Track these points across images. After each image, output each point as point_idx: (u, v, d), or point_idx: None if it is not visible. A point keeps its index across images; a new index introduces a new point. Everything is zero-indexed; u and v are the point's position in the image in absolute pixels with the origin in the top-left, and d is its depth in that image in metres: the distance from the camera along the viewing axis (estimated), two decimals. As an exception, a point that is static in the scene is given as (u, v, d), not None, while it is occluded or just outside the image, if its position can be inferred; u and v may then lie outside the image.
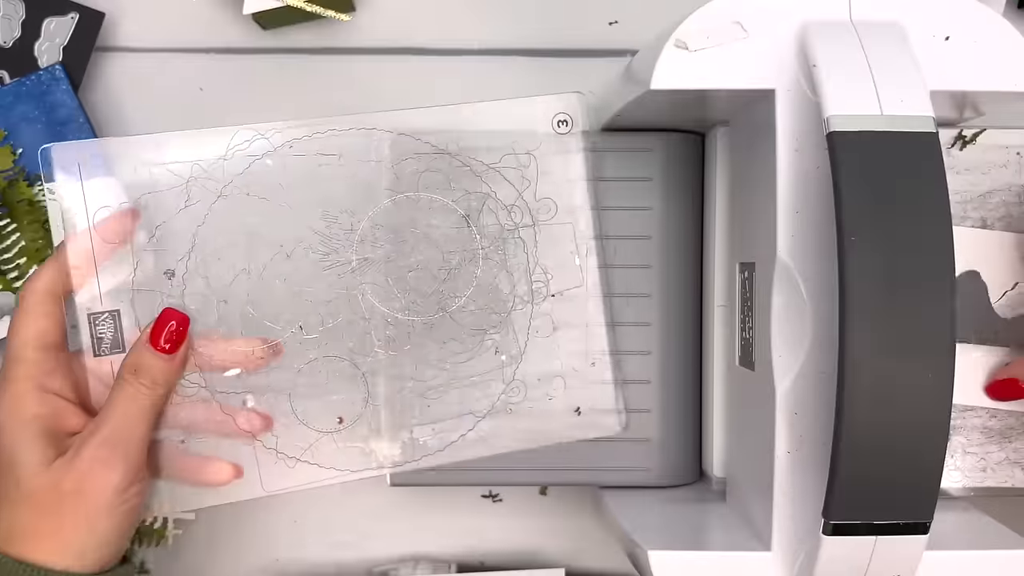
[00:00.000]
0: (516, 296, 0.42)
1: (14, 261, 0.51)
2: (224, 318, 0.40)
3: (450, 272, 0.42)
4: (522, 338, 0.42)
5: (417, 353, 0.42)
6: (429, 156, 0.42)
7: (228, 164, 0.41)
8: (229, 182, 0.40)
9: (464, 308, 0.42)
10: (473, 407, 0.42)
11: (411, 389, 0.42)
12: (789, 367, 0.37)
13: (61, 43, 0.52)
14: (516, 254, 0.42)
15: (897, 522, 0.33)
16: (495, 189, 0.42)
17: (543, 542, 0.54)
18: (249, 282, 0.40)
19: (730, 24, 0.37)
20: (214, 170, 0.40)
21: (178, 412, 0.39)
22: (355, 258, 0.41)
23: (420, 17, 0.53)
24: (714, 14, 0.37)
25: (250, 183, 0.41)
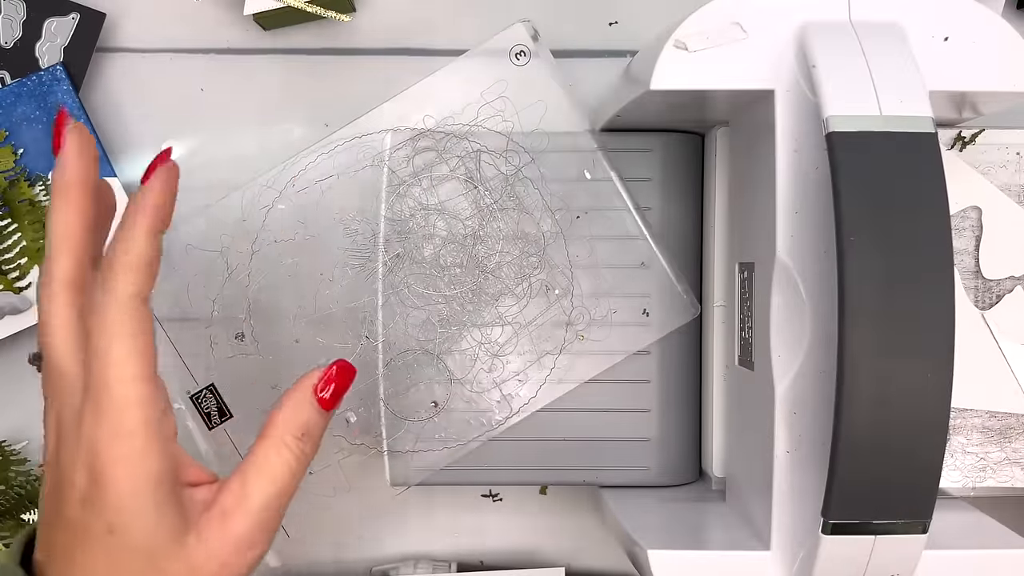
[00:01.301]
0: (544, 232, 0.43)
1: (15, 261, 0.51)
2: (303, 354, 0.44)
3: (475, 235, 0.44)
4: (566, 268, 0.44)
5: (476, 318, 0.44)
6: (414, 139, 0.43)
7: (248, 224, 0.44)
8: (255, 239, 0.43)
9: (501, 262, 0.44)
10: (546, 347, 0.44)
11: (485, 351, 0.44)
12: (788, 367, 0.37)
13: (62, 44, 0.52)
14: (528, 194, 0.44)
15: (896, 522, 0.33)
16: (484, 143, 0.43)
17: (543, 541, 0.54)
18: (308, 316, 0.44)
19: (729, 25, 0.37)
20: (238, 232, 0.44)
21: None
22: (387, 258, 0.43)
23: (420, 18, 0.53)
24: (713, 15, 0.37)
25: (273, 231, 0.44)
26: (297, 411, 0.31)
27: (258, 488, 0.30)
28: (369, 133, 0.44)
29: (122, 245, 0.29)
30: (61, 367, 0.29)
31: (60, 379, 0.29)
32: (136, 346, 0.28)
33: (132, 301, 0.28)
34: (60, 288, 0.29)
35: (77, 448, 0.28)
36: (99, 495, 0.27)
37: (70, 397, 0.29)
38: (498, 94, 0.44)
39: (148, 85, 0.53)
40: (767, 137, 0.37)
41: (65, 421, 0.28)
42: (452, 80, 0.44)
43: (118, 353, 0.27)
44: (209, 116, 0.53)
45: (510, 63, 0.44)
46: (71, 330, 0.29)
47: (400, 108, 0.44)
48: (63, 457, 0.28)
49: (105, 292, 0.28)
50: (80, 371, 0.29)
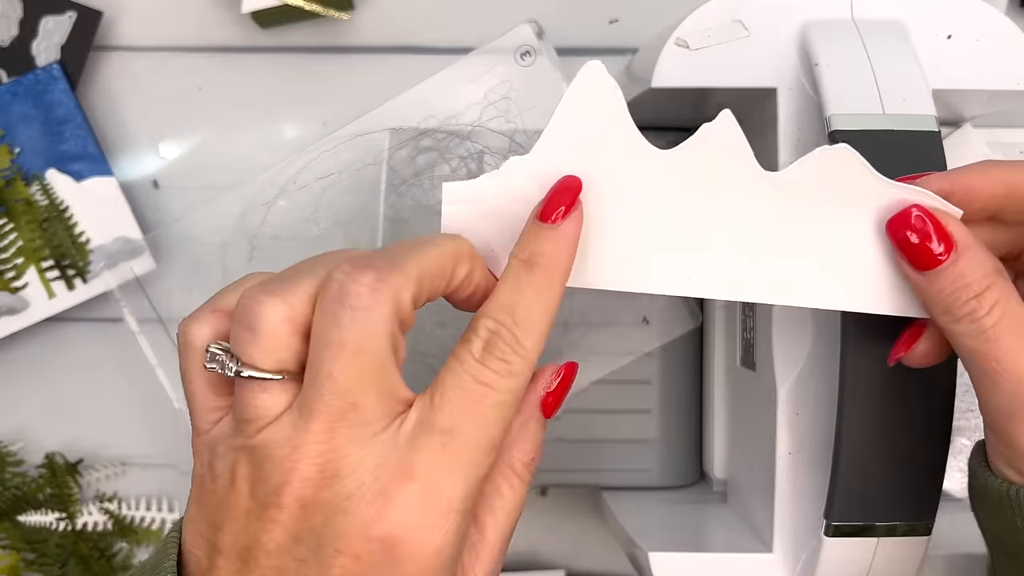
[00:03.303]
0: None
1: (11, 261, 0.50)
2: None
3: None
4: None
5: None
6: (416, 139, 0.43)
7: (247, 220, 0.44)
8: (255, 235, 0.43)
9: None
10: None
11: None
12: (791, 368, 0.37)
13: (59, 42, 0.51)
14: None
15: (899, 523, 0.32)
16: (487, 144, 0.43)
17: (543, 543, 0.54)
18: None
19: (731, 22, 0.36)
20: (237, 230, 0.44)
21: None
22: None
23: (419, 16, 0.53)
24: (715, 12, 0.36)
25: (274, 228, 0.44)
26: (525, 432, 0.28)
27: (496, 530, 0.28)
28: (370, 132, 0.44)
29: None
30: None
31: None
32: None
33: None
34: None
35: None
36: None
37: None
38: (502, 95, 0.44)
39: (145, 83, 0.53)
40: (769, 135, 0.37)
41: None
42: (455, 80, 0.44)
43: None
44: (207, 115, 0.53)
45: (515, 63, 0.44)
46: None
47: (402, 107, 0.44)
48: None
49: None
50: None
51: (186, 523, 0.26)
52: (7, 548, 0.52)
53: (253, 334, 0.24)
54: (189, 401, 0.27)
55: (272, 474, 0.24)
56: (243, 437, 0.25)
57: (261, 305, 0.24)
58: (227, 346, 0.25)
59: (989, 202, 0.28)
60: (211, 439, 0.26)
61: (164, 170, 0.53)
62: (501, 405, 0.25)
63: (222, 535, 0.25)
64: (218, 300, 0.27)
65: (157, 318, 0.47)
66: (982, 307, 0.26)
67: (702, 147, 0.28)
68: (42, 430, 0.53)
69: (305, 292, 0.25)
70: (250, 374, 0.24)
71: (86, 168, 0.51)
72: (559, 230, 0.27)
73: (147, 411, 0.53)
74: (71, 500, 0.52)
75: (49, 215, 0.50)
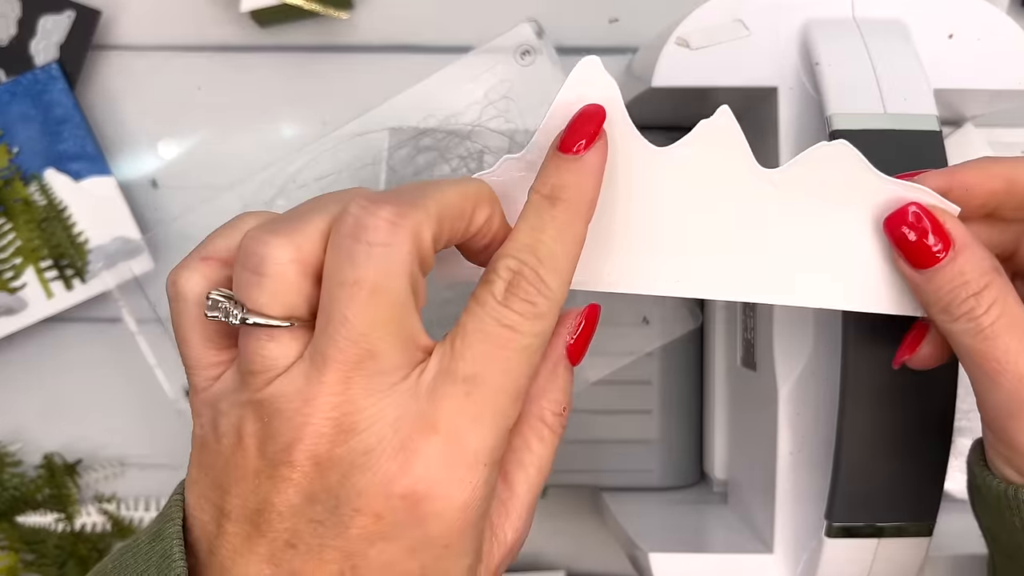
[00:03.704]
0: None
1: (10, 261, 0.50)
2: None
3: None
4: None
5: None
6: (415, 138, 0.43)
7: None
8: None
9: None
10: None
11: None
12: (791, 368, 0.36)
13: (57, 41, 0.51)
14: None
15: (901, 524, 0.32)
16: (487, 144, 0.42)
17: (543, 544, 0.54)
18: None
19: (732, 22, 0.36)
20: None
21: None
22: None
23: (418, 15, 0.53)
24: (715, 12, 0.36)
25: None
26: (553, 380, 0.26)
27: (526, 485, 0.26)
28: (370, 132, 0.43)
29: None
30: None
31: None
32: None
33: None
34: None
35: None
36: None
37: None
38: (502, 94, 0.43)
39: (144, 83, 0.53)
40: (770, 135, 0.37)
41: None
42: (455, 79, 0.44)
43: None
44: (206, 114, 0.53)
45: (515, 63, 0.44)
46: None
47: (402, 107, 0.44)
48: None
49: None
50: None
51: (188, 485, 0.24)
52: (6, 549, 0.51)
53: (259, 277, 0.22)
54: (185, 357, 0.25)
55: (282, 430, 0.22)
56: (249, 391, 0.23)
57: (267, 246, 0.22)
58: (229, 293, 0.23)
59: (988, 199, 0.28)
60: (212, 396, 0.24)
61: (163, 170, 0.53)
62: (527, 349, 0.24)
63: (230, 498, 0.23)
64: (208, 246, 0.25)
65: (156, 318, 0.47)
66: (980, 305, 0.26)
67: (699, 144, 0.27)
68: (40, 430, 0.53)
69: (316, 230, 0.23)
70: (256, 321, 0.22)
71: (85, 168, 0.51)
72: (582, 161, 0.25)
73: (146, 411, 0.53)
74: (70, 501, 0.52)
75: (48, 215, 0.50)
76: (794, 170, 0.27)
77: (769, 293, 0.28)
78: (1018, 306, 0.26)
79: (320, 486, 0.22)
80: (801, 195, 0.27)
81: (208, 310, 0.23)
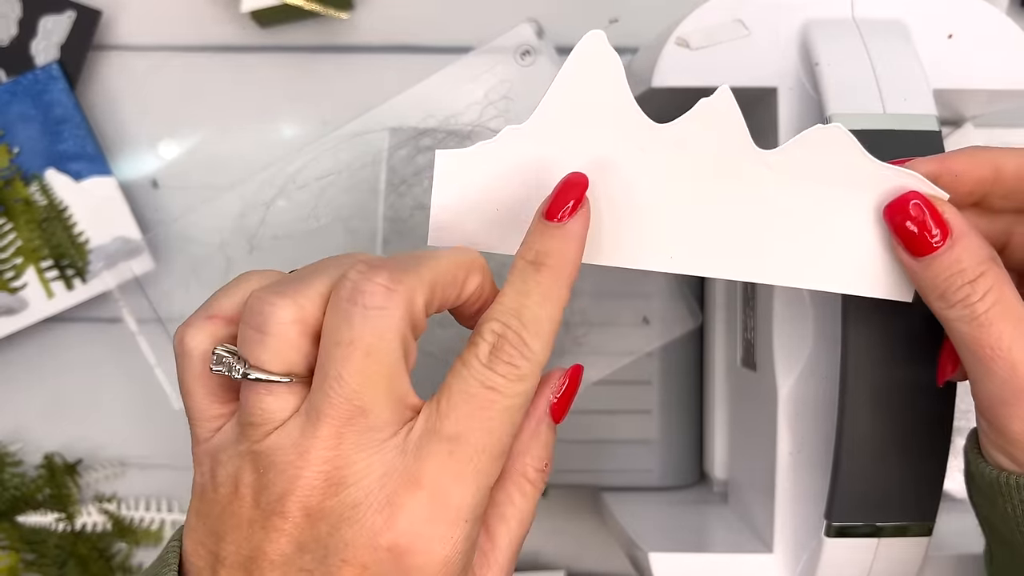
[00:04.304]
0: None
1: (10, 261, 0.50)
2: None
3: None
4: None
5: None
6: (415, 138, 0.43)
7: (246, 220, 0.44)
8: (254, 234, 0.42)
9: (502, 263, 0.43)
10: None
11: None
12: (791, 368, 0.36)
13: (58, 41, 0.51)
14: None
15: (900, 524, 0.32)
16: None
17: (543, 544, 0.54)
18: None
19: (731, 22, 0.36)
20: (237, 229, 0.43)
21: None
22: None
23: (418, 15, 0.53)
24: (715, 12, 0.36)
25: (273, 227, 0.44)
26: (536, 438, 0.27)
27: (507, 538, 0.27)
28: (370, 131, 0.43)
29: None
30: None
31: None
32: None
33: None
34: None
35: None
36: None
37: None
38: (502, 94, 0.43)
39: (145, 83, 0.53)
40: (770, 135, 0.37)
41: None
42: (455, 79, 0.44)
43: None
44: (206, 114, 0.53)
45: (515, 63, 0.44)
46: None
47: (402, 107, 0.44)
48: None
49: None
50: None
51: (186, 532, 0.26)
52: (6, 549, 0.51)
53: (262, 335, 0.24)
54: (189, 410, 0.26)
55: (277, 481, 0.23)
56: (248, 442, 0.24)
57: (271, 307, 0.24)
58: (234, 348, 0.25)
59: (975, 186, 0.28)
60: (212, 447, 0.25)
61: (163, 170, 0.53)
62: (509, 410, 0.25)
63: (224, 545, 0.24)
64: (213, 306, 0.26)
65: (156, 318, 0.47)
66: (976, 293, 0.26)
67: (698, 122, 0.28)
68: (41, 430, 0.53)
69: (316, 293, 0.24)
70: (258, 376, 0.24)
71: (85, 168, 0.51)
72: (565, 229, 0.26)
73: (146, 411, 0.53)
74: (70, 501, 0.52)
75: (48, 215, 0.50)
76: (789, 152, 0.28)
77: (762, 272, 0.28)
78: (1013, 295, 0.26)
79: (310, 536, 0.24)
80: (795, 177, 0.28)
81: (213, 364, 0.25)
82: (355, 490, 0.23)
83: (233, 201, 0.45)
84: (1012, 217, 0.29)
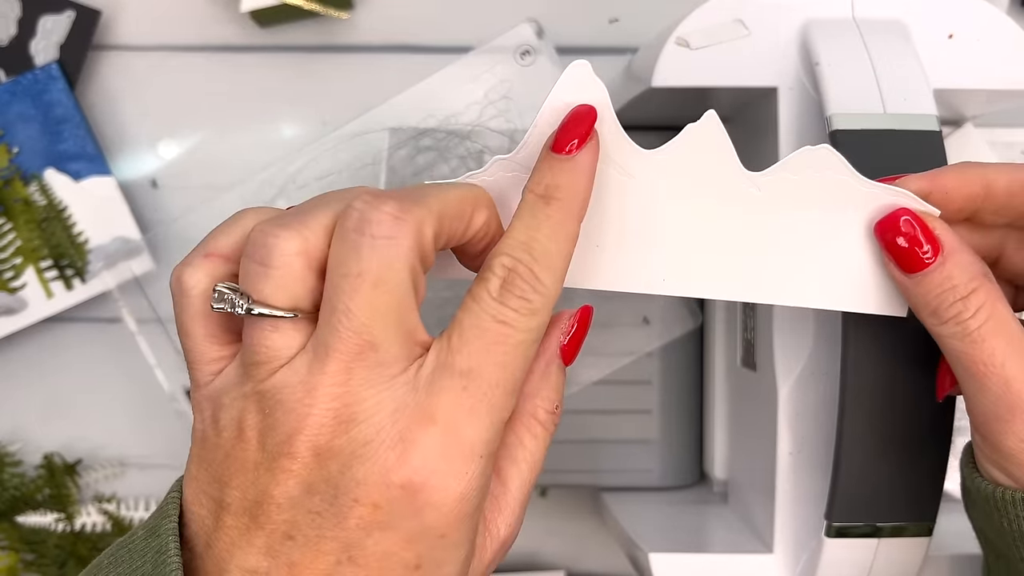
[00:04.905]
0: None
1: (10, 261, 0.50)
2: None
3: None
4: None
5: None
6: (415, 138, 0.43)
7: None
8: None
9: None
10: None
11: None
12: (791, 368, 0.36)
13: (57, 41, 0.51)
14: None
15: (900, 524, 0.32)
16: (487, 144, 0.42)
17: (543, 544, 0.54)
18: None
19: (731, 22, 0.36)
20: None
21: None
22: None
23: (418, 15, 0.53)
24: (715, 12, 0.36)
25: None
26: (546, 379, 0.27)
27: (519, 481, 0.26)
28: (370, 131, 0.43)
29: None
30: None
31: None
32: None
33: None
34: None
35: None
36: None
37: None
38: (502, 94, 0.43)
39: (144, 83, 0.53)
40: (770, 135, 0.37)
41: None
42: (455, 79, 0.44)
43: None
44: (206, 114, 0.53)
45: (515, 63, 0.43)
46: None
47: (402, 107, 0.44)
48: None
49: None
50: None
51: (186, 481, 0.24)
52: (6, 549, 0.51)
53: (266, 268, 0.23)
54: (187, 352, 0.25)
55: (284, 421, 0.23)
56: (253, 382, 0.23)
57: (275, 239, 0.23)
58: (235, 285, 0.24)
59: (966, 202, 0.28)
60: (214, 390, 0.24)
61: (163, 170, 0.53)
62: (521, 344, 0.24)
63: (228, 491, 0.23)
64: (210, 243, 0.25)
65: (156, 318, 0.47)
66: (968, 309, 0.26)
67: (686, 148, 0.28)
68: (40, 430, 0.53)
69: (321, 225, 0.23)
70: (261, 311, 0.23)
71: (85, 168, 0.51)
72: (575, 160, 0.25)
73: (146, 411, 0.53)
74: (70, 501, 0.52)
75: (48, 215, 0.50)
76: (778, 174, 0.28)
77: (756, 292, 0.28)
78: (1006, 311, 0.26)
79: (319, 477, 0.23)
80: (785, 198, 0.28)
81: (214, 302, 0.24)
82: (366, 427, 0.23)
83: (233, 201, 0.45)
84: (1003, 231, 0.29)
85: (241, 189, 0.45)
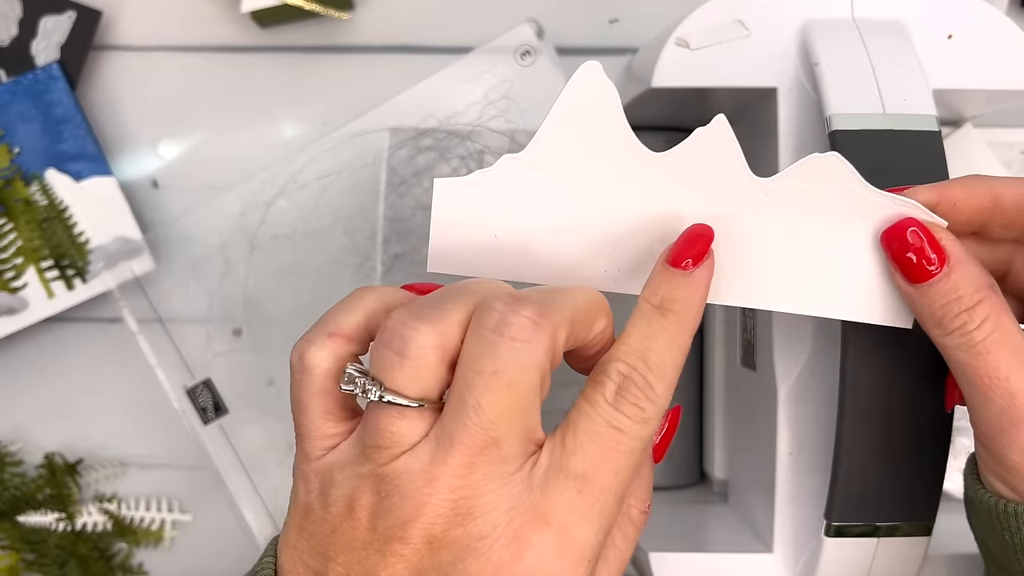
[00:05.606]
0: None
1: (11, 261, 0.50)
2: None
3: None
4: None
5: None
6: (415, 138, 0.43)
7: (247, 220, 0.44)
8: (255, 234, 0.43)
9: None
10: None
11: None
12: (791, 368, 0.36)
13: (58, 41, 0.51)
14: None
15: (900, 524, 0.32)
16: (487, 144, 0.43)
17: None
18: (305, 313, 0.44)
19: (731, 22, 0.36)
20: (237, 229, 0.44)
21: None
22: (385, 257, 0.43)
23: (419, 15, 0.53)
24: (715, 12, 0.36)
25: (273, 227, 0.44)
26: (640, 479, 0.27)
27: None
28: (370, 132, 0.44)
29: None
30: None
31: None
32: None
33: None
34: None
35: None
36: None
37: None
38: (502, 95, 0.43)
39: (145, 83, 0.53)
40: (769, 135, 0.37)
41: None
42: (455, 79, 0.44)
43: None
44: (206, 114, 0.53)
45: (515, 63, 0.44)
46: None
47: (402, 107, 0.44)
48: None
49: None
50: None
51: (283, 548, 0.25)
52: (6, 548, 0.51)
53: (402, 359, 0.23)
54: (301, 427, 0.25)
55: (400, 506, 0.23)
56: (372, 464, 0.24)
57: (413, 331, 0.23)
58: (365, 369, 0.24)
59: (974, 215, 0.28)
60: (325, 465, 0.25)
61: (163, 170, 0.53)
62: (633, 452, 0.24)
63: (333, 566, 0.24)
64: (331, 323, 0.26)
65: (156, 318, 0.47)
66: (973, 321, 0.26)
67: (695, 151, 0.28)
68: (41, 430, 0.53)
69: (456, 320, 0.24)
70: (392, 399, 0.23)
71: (85, 168, 0.51)
72: (693, 277, 0.26)
73: (147, 411, 0.53)
74: (70, 500, 0.52)
75: (48, 215, 0.50)
76: (786, 180, 0.28)
77: (760, 299, 0.28)
78: (1012, 323, 0.26)
79: (430, 565, 0.23)
80: (792, 205, 0.28)
81: (343, 383, 0.24)
82: (482, 522, 0.23)
83: (233, 201, 0.45)
84: (1012, 246, 0.29)
85: (241, 189, 0.45)
